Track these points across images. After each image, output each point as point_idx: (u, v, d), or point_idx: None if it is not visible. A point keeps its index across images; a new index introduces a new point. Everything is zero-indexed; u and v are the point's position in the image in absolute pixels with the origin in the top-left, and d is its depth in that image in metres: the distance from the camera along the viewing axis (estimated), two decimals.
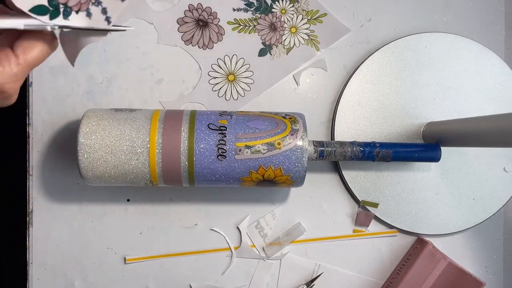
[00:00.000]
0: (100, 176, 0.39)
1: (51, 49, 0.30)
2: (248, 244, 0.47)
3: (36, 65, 0.30)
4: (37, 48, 0.29)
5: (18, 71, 0.28)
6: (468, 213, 0.48)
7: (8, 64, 0.28)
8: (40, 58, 0.29)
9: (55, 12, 0.28)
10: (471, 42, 0.48)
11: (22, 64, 0.28)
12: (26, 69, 0.29)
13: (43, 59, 0.30)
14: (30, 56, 0.29)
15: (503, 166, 0.48)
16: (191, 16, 0.47)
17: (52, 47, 0.30)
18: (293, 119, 0.40)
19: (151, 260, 0.47)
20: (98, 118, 0.38)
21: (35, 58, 0.29)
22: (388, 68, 0.47)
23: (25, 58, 0.28)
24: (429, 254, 0.46)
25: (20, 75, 0.29)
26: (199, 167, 0.38)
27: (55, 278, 0.46)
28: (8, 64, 0.28)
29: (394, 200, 0.48)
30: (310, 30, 0.48)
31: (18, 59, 0.28)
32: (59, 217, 0.46)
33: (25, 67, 0.29)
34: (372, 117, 0.47)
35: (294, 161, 0.39)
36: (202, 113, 0.40)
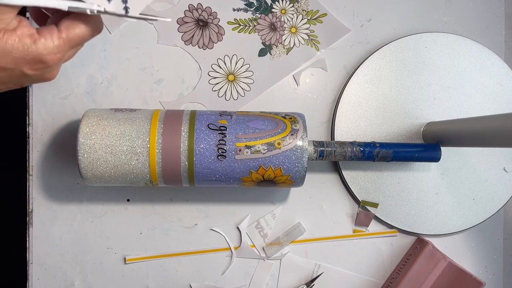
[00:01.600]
0: (100, 176, 0.39)
1: (94, 31, 0.32)
2: (248, 244, 0.47)
3: (78, 44, 0.32)
4: (80, 27, 0.31)
5: (59, 44, 0.30)
6: (468, 213, 0.48)
7: (49, 36, 0.30)
8: (83, 36, 0.32)
9: None
10: (471, 42, 0.48)
11: (63, 38, 0.31)
12: (67, 44, 0.31)
13: (85, 38, 0.32)
14: (72, 32, 0.31)
15: (503, 166, 0.48)
16: (191, 16, 0.47)
17: (96, 30, 0.32)
18: (293, 119, 0.40)
19: (151, 260, 0.47)
20: (98, 118, 0.38)
21: (77, 36, 0.31)
22: (388, 68, 0.47)
23: (67, 34, 0.31)
24: (429, 254, 0.47)
25: (61, 49, 0.31)
26: (199, 167, 0.38)
27: (55, 278, 0.46)
28: (50, 36, 0.30)
29: (394, 200, 0.48)
30: (310, 30, 0.48)
31: (60, 33, 0.31)
32: (59, 217, 0.46)
33: (67, 42, 0.31)
34: (372, 117, 0.47)
35: (294, 161, 0.39)
36: (202, 113, 0.40)
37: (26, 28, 0.30)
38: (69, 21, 0.31)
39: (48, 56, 0.30)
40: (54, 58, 0.31)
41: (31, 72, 0.31)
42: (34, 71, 0.31)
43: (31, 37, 0.30)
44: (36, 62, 0.30)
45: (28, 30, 0.30)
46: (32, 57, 0.30)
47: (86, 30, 0.32)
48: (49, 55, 0.31)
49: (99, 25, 0.33)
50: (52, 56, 0.31)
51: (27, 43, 0.29)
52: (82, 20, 0.31)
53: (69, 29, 0.31)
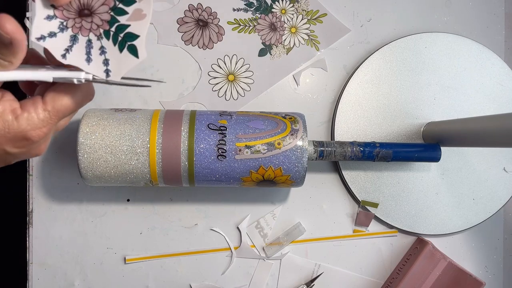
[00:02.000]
0: (100, 176, 0.39)
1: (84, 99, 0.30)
2: (248, 244, 0.47)
3: (66, 114, 0.29)
4: (67, 97, 0.28)
5: (44, 117, 0.28)
6: (468, 213, 0.48)
7: (33, 110, 0.28)
8: (72, 106, 0.29)
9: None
10: (471, 42, 0.48)
11: (49, 111, 0.28)
12: (54, 117, 0.28)
13: (74, 108, 0.29)
14: (59, 103, 0.28)
15: (503, 166, 0.48)
16: (191, 16, 0.47)
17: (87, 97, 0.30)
18: (293, 119, 0.40)
19: (151, 260, 0.47)
20: (98, 118, 0.38)
21: (65, 106, 0.28)
22: (388, 68, 0.47)
23: (53, 105, 0.28)
24: (429, 254, 0.46)
25: (47, 122, 0.28)
26: (199, 167, 0.38)
27: (55, 278, 0.46)
28: (34, 109, 0.28)
29: (394, 200, 0.47)
30: (310, 30, 0.48)
31: (45, 105, 0.28)
32: (59, 217, 0.46)
33: (53, 114, 0.28)
34: (372, 117, 0.47)
35: (294, 161, 0.39)
36: (202, 113, 0.40)
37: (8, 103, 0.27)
38: (54, 92, 0.28)
39: (33, 132, 0.28)
40: (39, 134, 0.28)
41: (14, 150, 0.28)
42: (18, 149, 0.28)
43: (13, 113, 0.27)
44: (19, 140, 0.28)
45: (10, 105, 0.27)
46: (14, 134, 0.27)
47: (74, 100, 0.29)
48: (34, 131, 0.28)
49: (90, 91, 0.30)
50: (37, 131, 0.28)
51: (8, 120, 0.27)
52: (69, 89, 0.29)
53: (55, 100, 0.28)
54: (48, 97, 0.28)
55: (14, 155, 0.29)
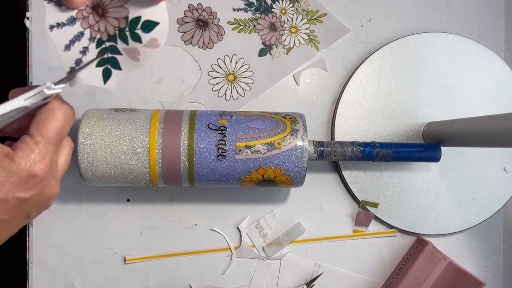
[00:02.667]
0: (100, 176, 0.39)
1: (67, 118, 0.29)
2: (248, 244, 0.47)
3: (59, 138, 0.29)
4: (50, 120, 0.28)
5: (39, 149, 0.27)
6: (468, 213, 0.48)
7: (25, 146, 0.27)
8: (60, 128, 0.29)
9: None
10: (471, 42, 0.48)
11: (41, 142, 0.27)
12: (48, 146, 0.28)
13: (63, 128, 0.29)
14: (46, 130, 0.28)
15: (503, 166, 0.48)
16: (191, 16, 0.47)
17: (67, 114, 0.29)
18: (293, 119, 0.40)
19: (151, 260, 0.47)
20: (98, 118, 0.38)
21: (53, 130, 0.28)
22: (388, 68, 0.47)
23: (41, 134, 0.28)
24: (429, 254, 0.46)
25: (44, 152, 0.28)
26: (199, 167, 0.38)
27: (55, 278, 0.46)
28: (26, 145, 0.27)
29: (394, 200, 0.47)
30: (310, 30, 0.48)
31: (34, 138, 0.27)
32: (59, 217, 0.46)
33: (47, 144, 0.28)
34: (372, 117, 0.47)
35: (294, 161, 0.39)
36: (202, 113, 0.40)
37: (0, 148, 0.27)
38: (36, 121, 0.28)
39: (35, 167, 0.27)
40: (42, 167, 0.27)
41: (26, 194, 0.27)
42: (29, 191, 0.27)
43: (8, 156, 0.26)
44: (25, 181, 0.27)
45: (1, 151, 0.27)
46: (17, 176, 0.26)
47: (58, 120, 0.28)
48: (35, 166, 0.27)
49: (67, 108, 0.30)
50: (39, 165, 0.27)
51: (5, 165, 0.26)
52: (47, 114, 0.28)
53: (40, 129, 0.28)
54: (33, 129, 0.28)
55: (29, 201, 0.28)
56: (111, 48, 0.30)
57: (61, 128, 0.29)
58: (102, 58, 0.30)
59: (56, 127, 0.28)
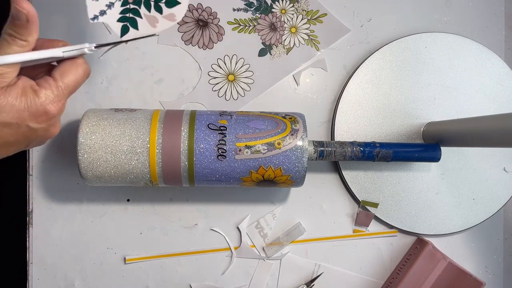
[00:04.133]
0: (100, 176, 0.39)
1: (85, 74, 0.34)
2: (248, 244, 0.47)
3: (74, 89, 0.33)
4: (73, 72, 0.32)
5: (58, 93, 0.31)
6: (468, 213, 0.48)
7: (48, 86, 0.31)
8: (78, 81, 0.33)
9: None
10: (471, 42, 0.48)
11: (61, 87, 0.32)
12: (65, 92, 0.32)
13: (80, 82, 0.33)
14: (67, 79, 0.32)
15: (503, 166, 0.48)
16: (191, 16, 0.47)
17: (86, 73, 0.34)
18: (293, 119, 0.40)
19: (151, 260, 0.47)
20: (98, 118, 0.38)
21: (73, 81, 0.32)
22: (388, 68, 0.47)
23: (63, 81, 0.32)
24: (429, 254, 0.46)
25: (61, 97, 0.32)
26: (199, 167, 0.38)
27: (55, 278, 0.46)
28: (49, 86, 0.31)
29: (394, 200, 0.47)
30: (310, 30, 0.48)
31: (56, 82, 0.32)
32: (59, 217, 0.46)
33: (65, 90, 0.32)
34: (372, 117, 0.47)
35: (294, 161, 0.39)
36: (202, 113, 0.40)
37: (27, 82, 0.30)
38: (62, 68, 0.32)
39: (51, 106, 0.31)
40: (56, 108, 0.31)
41: (37, 126, 0.31)
42: (39, 124, 0.31)
43: (32, 89, 0.30)
44: (40, 114, 0.31)
45: (28, 83, 0.30)
46: (36, 108, 0.30)
47: (79, 74, 0.33)
48: (52, 105, 0.31)
49: (88, 68, 0.34)
50: (54, 105, 0.31)
51: (29, 96, 0.30)
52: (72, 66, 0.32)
53: (63, 76, 0.32)
54: (57, 74, 0.32)
55: (36, 131, 0.31)
56: (134, 10, 0.35)
57: (79, 81, 0.33)
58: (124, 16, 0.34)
59: (76, 79, 0.33)
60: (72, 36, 0.46)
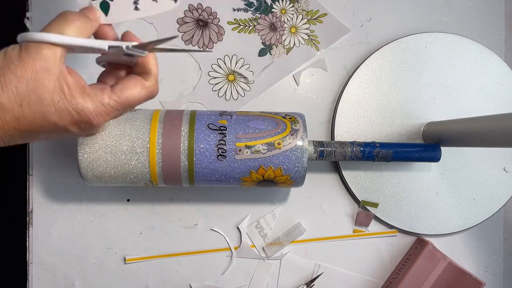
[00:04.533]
0: (100, 176, 0.39)
1: (149, 95, 0.30)
2: (248, 244, 0.47)
3: (129, 107, 0.29)
4: (134, 89, 0.29)
5: (108, 104, 0.28)
6: (468, 213, 0.48)
7: (101, 93, 0.28)
8: (136, 99, 0.29)
9: None
10: (471, 42, 0.48)
11: (115, 100, 0.28)
12: (118, 106, 0.28)
13: (138, 101, 0.30)
14: (125, 93, 0.29)
15: (503, 166, 0.48)
16: (191, 16, 0.47)
17: (151, 94, 0.30)
18: (293, 119, 0.40)
19: (151, 260, 0.47)
20: None
21: (131, 97, 0.29)
22: (388, 68, 0.47)
23: (120, 95, 0.28)
24: (429, 254, 0.46)
25: (110, 110, 0.28)
26: (199, 167, 0.38)
27: (55, 278, 0.46)
28: (101, 93, 0.28)
29: (394, 200, 0.47)
30: (310, 30, 0.48)
31: (113, 94, 0.28)
32: (59, 217, 0.46)
33: (118, 103, 0.28)
34: (372, 117, 0.47)
35: (294, 161, 0.39)
36: (202, 113, 0.40)
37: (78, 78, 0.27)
38: (125, 81, 0.29)
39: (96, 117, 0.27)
40: (100, 120, 0.28)
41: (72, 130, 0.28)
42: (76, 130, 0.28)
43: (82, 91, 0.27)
44: (81, 121, 0.27)
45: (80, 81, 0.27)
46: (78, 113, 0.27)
47: (141, 93, 0.29)
48: (97, 116, 0.27)
49: (155, 93, 0.31)
50: (99, 117, 0.28)
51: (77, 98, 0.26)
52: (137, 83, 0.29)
53: (123, 90, 0.29)
54: (117, 87, 0.29)
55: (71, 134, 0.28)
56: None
57: (137, 103, 0.30)
58: None
59: (134, 100, 0.29)
60: None
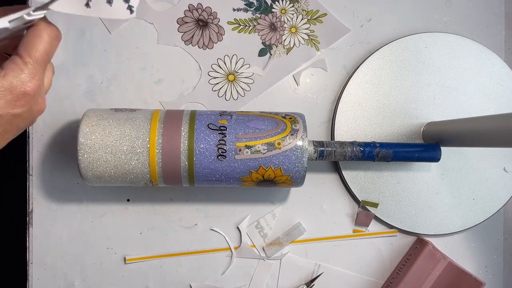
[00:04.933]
0: (100, 176, 0.39)
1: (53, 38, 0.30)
2: (248, 244, 0.47)
3: (46, 59, 0.30)
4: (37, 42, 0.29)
5: (28, 69, 0.28)
6: (468, 213, 0.48)
7: (15, 66, 0.28)
8: (47, 49, 0.29)
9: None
10: (471, 42, 0.48)
11: (29, 62, 0.28)
12: (36, 66, 0.29)
13: (50, 50, 0.30)
14: (33, 50, 0.29)
15: (503, 166, 0.48)
16: (191, 16, 0.47)
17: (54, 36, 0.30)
18: (293, 119, 0.40)
19: (151, 260, 0.47)
20: (98, 118, 0.38)
21: (40, 51, 0.29)
22: (388, 68, 0.47)
23: (30, 54, 0.28)
24: (429, 254, 0.46)
25: (34, 72, 0.29)
26: (199, 167, 0.38)
27: (55, 278, 0.46)
28: (15, 65, 0.28)
29: (394, 200, 0.48)
30: (310, 30, 0.48)
31: (23, 58, 0.28)
32: (59, 217, 0.46)
33: (35, 64, 0.29)
34: (372, 117, 0.47)
35: (294, 161, 0.39)
36: (202, 113, 0.40)
37: None
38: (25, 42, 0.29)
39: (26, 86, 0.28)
40: (32, 86, 0.29)
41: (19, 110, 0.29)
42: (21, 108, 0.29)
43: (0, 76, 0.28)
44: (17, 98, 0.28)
45: None
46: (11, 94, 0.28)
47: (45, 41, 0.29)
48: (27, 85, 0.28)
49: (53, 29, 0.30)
50: (30, 84, 0.29)
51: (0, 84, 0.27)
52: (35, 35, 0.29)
53: (28, 49, 0.29)
54: (21, 50, 0.29)
55: (20, 115, 0.29)
56: None
57: (48, 49, 0.29)
58: None
59: (44, 48, 0.29)
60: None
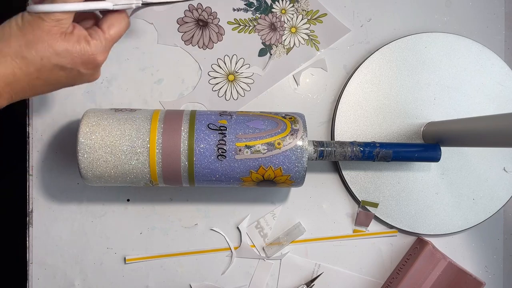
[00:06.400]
0: (100, 176, 0.39)
1: (127, 26, 0.36)
2: (248, 244, 0.47)
3: (116, 40, 0.36)
4: (118, 25, 0.35)
5: (105, 44, 0.34)
6: (468, 213, 0.48)
7: (98, 38, 0.34)
8: (121, 33, 0.35)
9: None
10: (471, 42, 0.48)
11: (107, 39, 0.34)
12: (110, 43, 0.35)
13: (122, 34, 0.36)
14: (113, 31, 0.35)
15: (503, 166, 0.48)
16: (191, 16, 0.47)
17: (128, 26, 0.36)
18: (293, 119, 0.40)
19: (151, 260, 0.47)
20: (98, 118, 0.38)
21: (117, 33, 0.35)
22: (388, 68, 0.47)
23: (110, 33, 0.34)
24: (429, 254, 0.46)
25: (107, 48, 0.35)
26: (199, 167, 0.38)
27: (55, 278, 0.46)
28: (98, 37, 0.34)
29: (394, 200, 0.47)
30: (310, 30, 0.48)
31: (105, 33, 0.34)
32: (59, 217, 0.46)
33: (110, 41, 0.35)
34: (372, 117, 0.47)
35: (294, 161, 0.39)
36: (202, 113, 0.40)
37: (81, 31, 0.33)
38: (109, 20, 0.35)
39: (100, 55, 0.34)
40: (103, 57, 0.35)
41: (85, 71, 0.34)
42: (88, 70, 0.34)
43: (86, 39, 0.33)
44: (90, 61, 0.34)
45: (82, 33, 0.33)
46: (87, 56, 0.33)
47: (122, 27, 0.35)
48: (100, 54, 0.34)
49: (129, 21, 0.36)
50: (102, 55, 0.34)
51: (83, 44, 0.33)
52: (118, 19, 0.35)
53: (110, 28, 0.34)
54: (105, 26, 0.34)
55: (83, 75, 0.35)
56: None
57: (121, 34, 0.36)
58: None
59: (120, 32, 0.35)
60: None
